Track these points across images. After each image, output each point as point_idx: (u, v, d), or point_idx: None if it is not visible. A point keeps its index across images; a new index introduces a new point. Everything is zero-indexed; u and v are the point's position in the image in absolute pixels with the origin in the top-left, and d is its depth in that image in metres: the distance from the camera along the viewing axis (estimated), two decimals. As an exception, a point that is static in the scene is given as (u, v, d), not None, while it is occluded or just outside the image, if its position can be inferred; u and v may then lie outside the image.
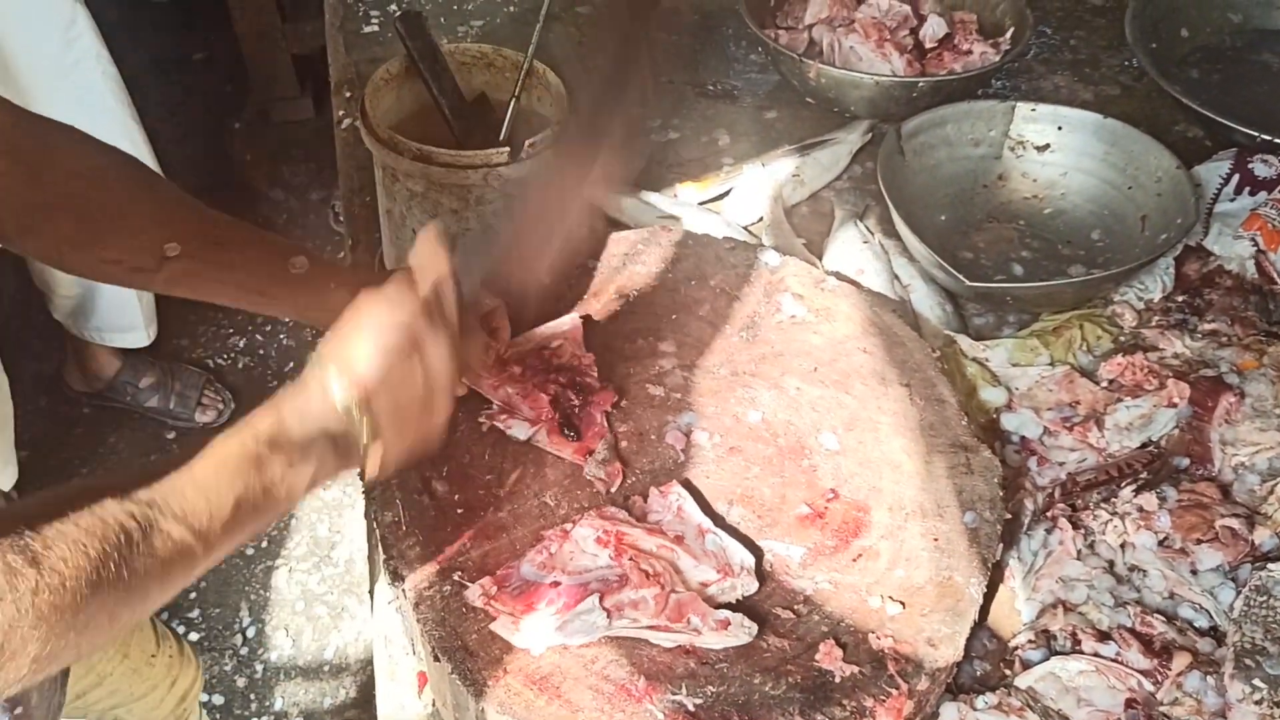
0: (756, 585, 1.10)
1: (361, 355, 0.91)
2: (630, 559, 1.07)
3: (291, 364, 3.06)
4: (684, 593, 1.06)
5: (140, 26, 2.28)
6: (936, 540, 1.14)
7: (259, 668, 2.47)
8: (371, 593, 1.31)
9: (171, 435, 2.86)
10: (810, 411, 1.26)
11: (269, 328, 3.14)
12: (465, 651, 1.05)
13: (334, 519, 2.75)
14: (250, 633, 2.52)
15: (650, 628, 1.04)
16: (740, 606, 1.09)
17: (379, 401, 0.91)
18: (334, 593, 2.60)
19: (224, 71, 3.58)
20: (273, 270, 1.09)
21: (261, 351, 3.09)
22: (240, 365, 3.05)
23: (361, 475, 0.98)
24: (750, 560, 1.11)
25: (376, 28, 2.03)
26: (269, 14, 3.41)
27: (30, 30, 2.07)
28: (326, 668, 2.47)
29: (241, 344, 3.09)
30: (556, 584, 1.07)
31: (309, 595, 2.60)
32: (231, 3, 3.37)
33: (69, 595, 0.69)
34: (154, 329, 2.74)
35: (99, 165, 1.06)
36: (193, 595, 2.56)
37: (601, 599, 1.05)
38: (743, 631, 1.05)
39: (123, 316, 2.67)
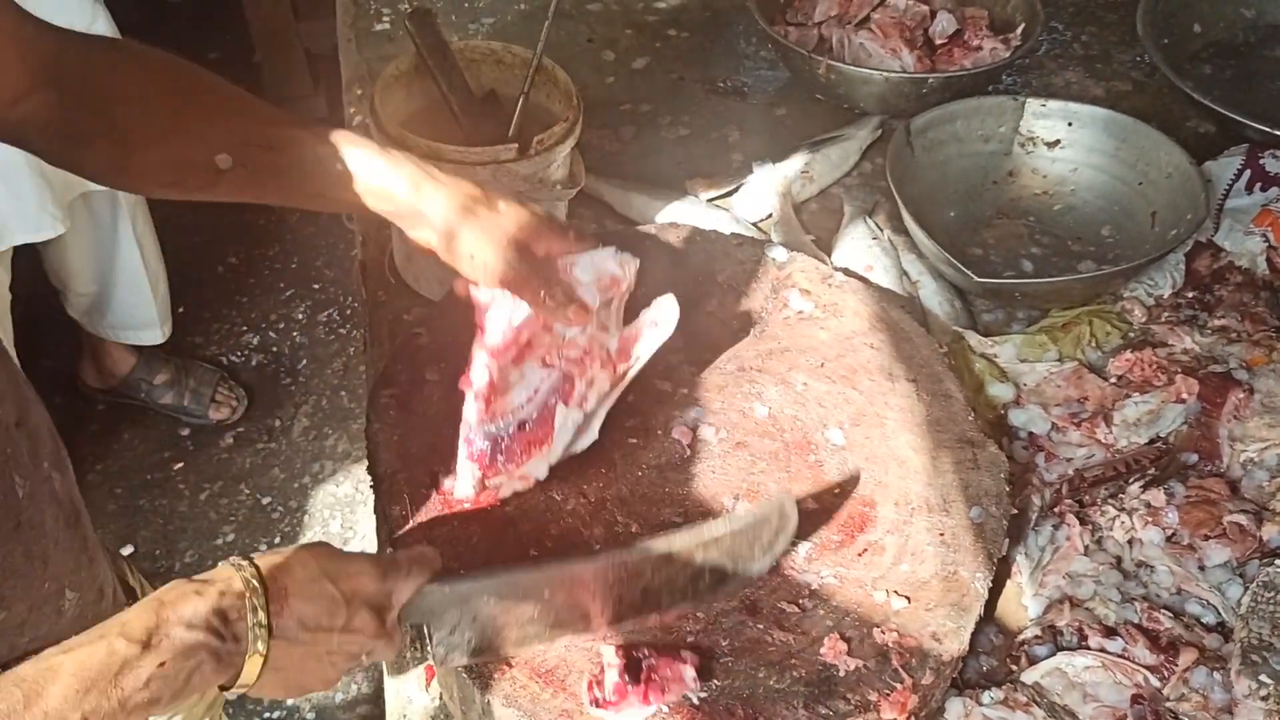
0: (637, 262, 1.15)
1: (297, 580, 0.87)
2: (559, 358, 1.14)
3: (305, 361, 3.07)
4: (614, 333, 1.15)
5: (156, 26, 2.30)
6: (942, 535, 1.14)
7: (272, 663, 2.48)
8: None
9: (186, 432, 2.88)
10: (817, 407, 1.27)
11: (282, 325, 3.15)
12: (472, 645, 1.06)
13: (347, 515, 2.76)
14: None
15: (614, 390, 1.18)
16: (744, 603, 1.09)
17: (282, 628, 0.85)
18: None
19: (238, 70, 3.60)
20: (325, 169, 1.04)
21: (275, 349, 3.10)
22: (254, 363, 3.07)
23: (224, 689, 0.88)
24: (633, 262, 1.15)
25: (388, 26, 2.04)
26: (283, 13, 3.42)
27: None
28: (339, 663, 2.48)
29: (255, 341, 3.11)
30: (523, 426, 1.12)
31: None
32: (246, 2, 3.38)
33: None
34: (168, 326, 2.75)
35: (143, 85, 1.02)
36: (206, 590, 2.58)
37: (566, 403, 1.13)
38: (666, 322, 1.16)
39: (137, 314, 2.69)
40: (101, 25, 2.21)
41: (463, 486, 1.16)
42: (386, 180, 1.04)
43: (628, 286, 1.15)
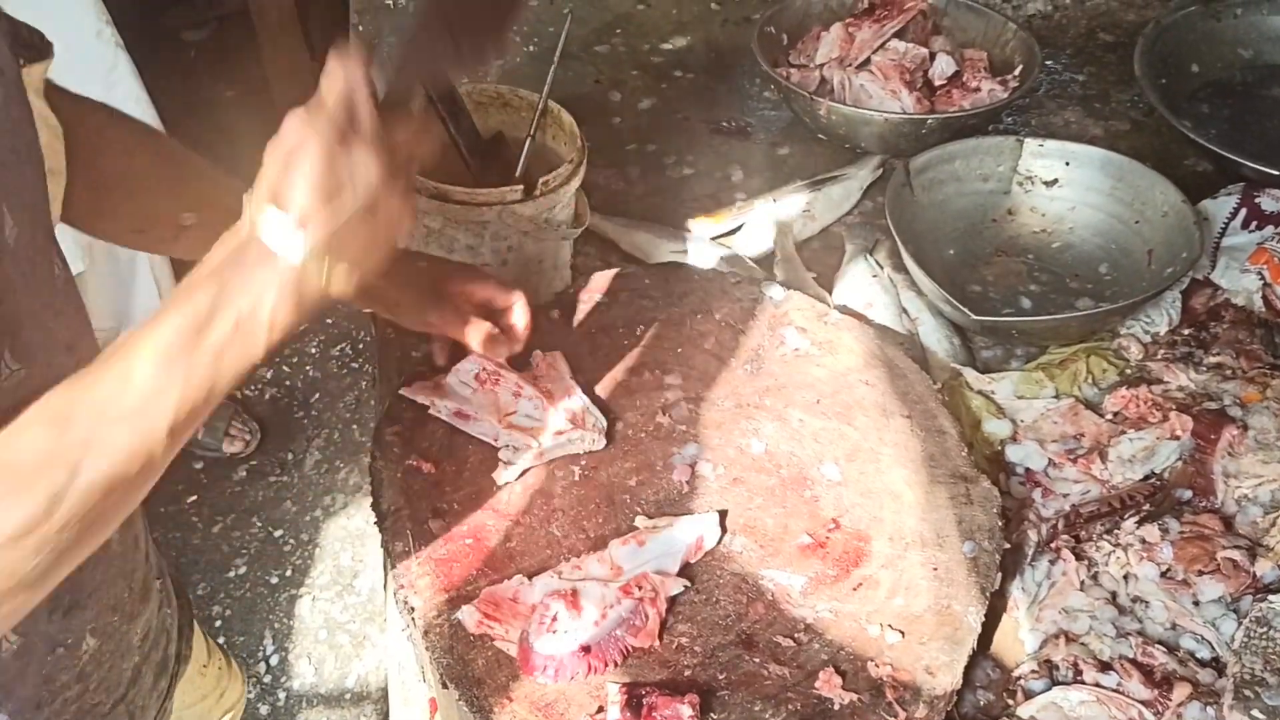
0: (604, 444, 1.27)
1: (290, 190, 0.82)
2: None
3: (317, 395, 3.11)
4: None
5: (174, 65, 2.35)
6: (936, 569, 1.16)
7: (282, 695, 2.50)
8: (389, 617, 1.34)
9: (199, 465, 2.91)
10: (813, 443, 1.29)
11: (295, 359, 3.19)
12: (472, 679, 1.08)
13: (357, 548, 2.78)
14: (274, 660, 2.55)
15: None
16: (740, 637, 1.11)
17: (324, 227, 0.82)
18: (356, 621, 2.63)
19: (252, 108, 3.66)
20: None
21: (288, 382, 3.14)
22: (267, 396, 3.11)
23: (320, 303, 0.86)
24: (603, 423, 1.28)
25: (399, 68, 2.08)
26: (298, 52, 3.49)
27: (72, 75, 2.13)
28: (348, 696, 2.50)
29: (268, 375, 3.15)
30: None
31: (331, 624, 2.63)
32: (261, 41, 3.45)
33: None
34: (183, 361, 2.79)
35: (123, 142, 1.11)
36: (218, 623, 2.60)
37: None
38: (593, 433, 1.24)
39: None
40: (123, 66, 2.26)
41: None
42: None
43: None
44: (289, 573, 2.73)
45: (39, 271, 0.88)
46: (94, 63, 2.20)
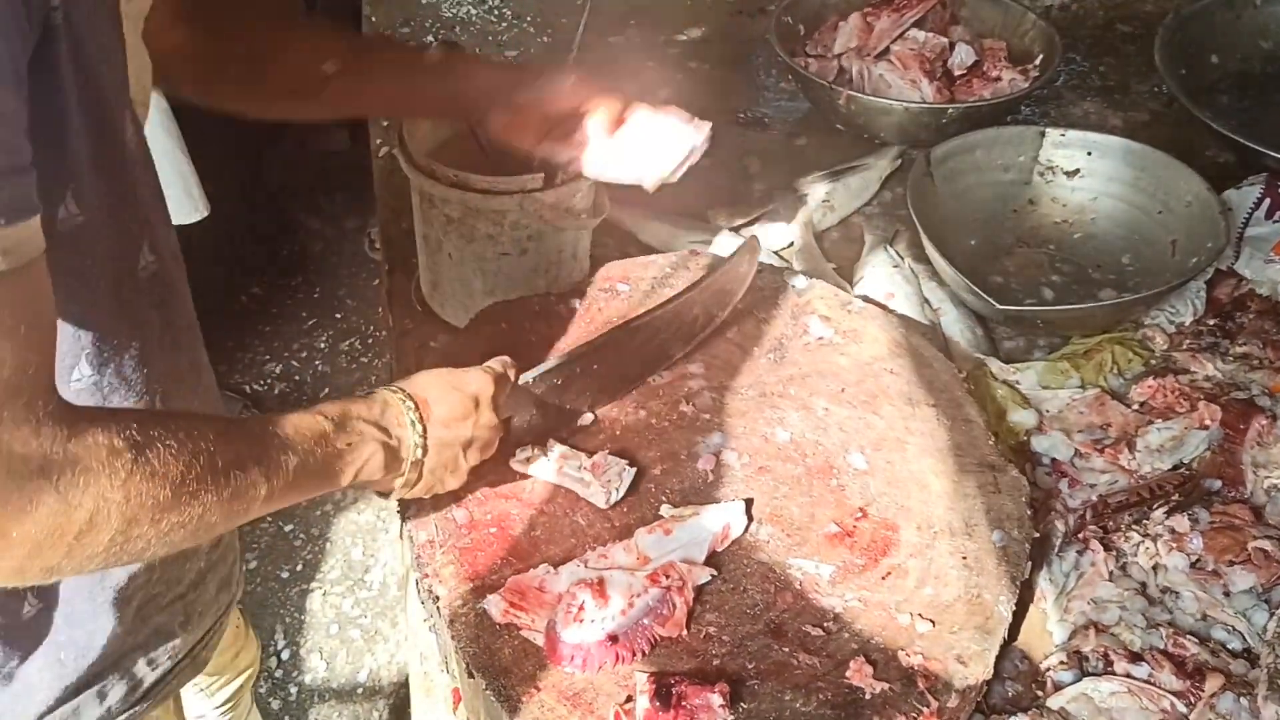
0: (605, 503, 1.21)
1: (434, 393, 1.07)
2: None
3: (327, 390, 3.10)
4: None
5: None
6: (965, 558, 1.15)
7: (293, 690, 2.49)
8: (407, 611, 1.33)
9: (209, 460, 2.91)
10: (838, 431, 1.28)
11: (304, 354, 3.18)
12: (499, 668, 1.07)
13: (368, 543, 2.77)
14: (285, 655, 2.54)
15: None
16: (769, 626, 1.10)
17: (433, 431, 1.06)
18: (367, 616, 2.62)
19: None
20: (412, 64, 1.28)
21: (298, 377, 3.13)
22: (276, 391, 3.10)
23: (386, 494, 1.10)
24: (619, 489, 1.21)
25: (413, 59, 2.07)
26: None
27: None
28: (360, 690, 2.49)
29: (278, 370, 3.14)
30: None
31: (343, 618, 2.62)
32: (271, 35, 3.44)
33: (161, 486, 0.78)
34: (193, 355, 2.78)
35: (260, 12, 1.21)
36: (228, 618, 2.59)
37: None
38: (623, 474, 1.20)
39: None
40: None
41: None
42: (459, 76, 1.29)
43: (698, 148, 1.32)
44: (299, 567, 2.72)
45: (151, 173, 0.99)
46: None
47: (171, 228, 1.05)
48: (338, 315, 3.29)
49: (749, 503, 1.20)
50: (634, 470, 1.21)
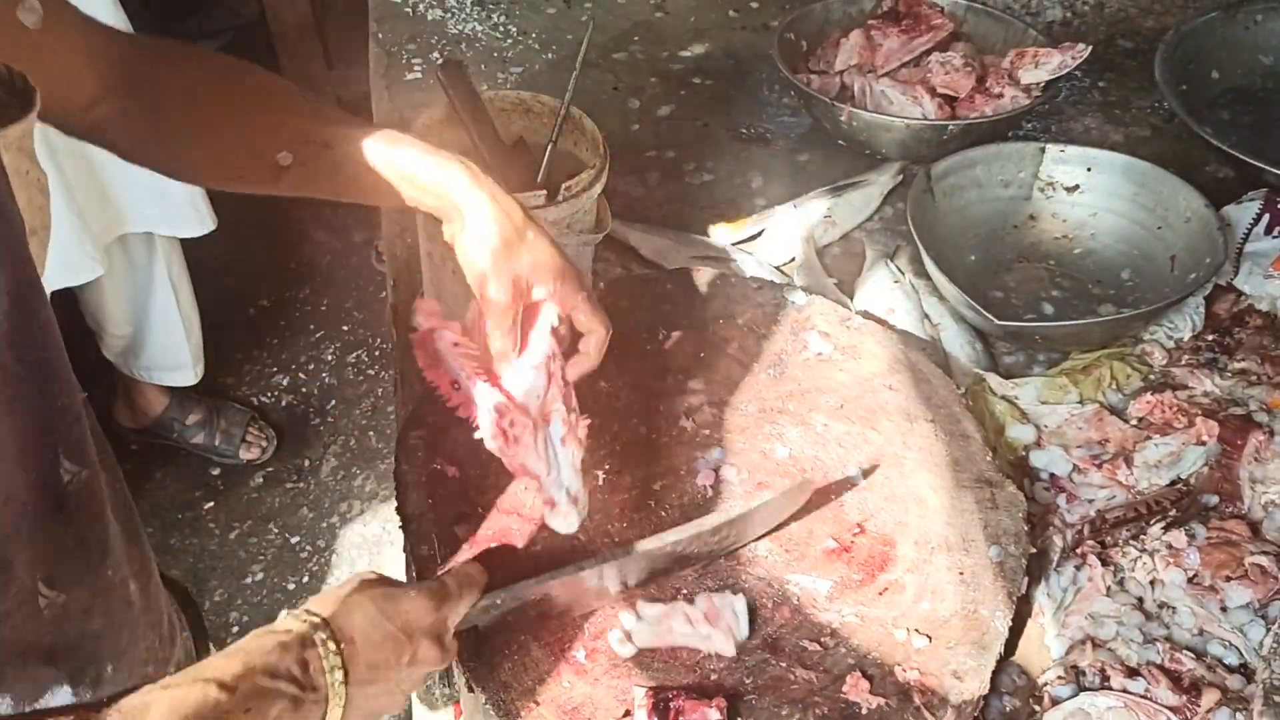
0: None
1: (361, 628, 0.92)
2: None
3: (334, 401, 3.11)
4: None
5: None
6: (962, 574, 1.16)
7: (299, 702, 2.50)
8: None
9: (216, 471, 2.92)
10: (837, 447, 1.29)
11: (312, 366, 3.20)
12: (499, 683, 1.08)
13: (374, 555, 2.79)
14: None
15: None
16: (766, 641, 1.10)
17: (356, 676, 0.90)
18: (373, 628, 2.63)
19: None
20: (376, 177, 1.08)
21: (305, 389, 3.15)
22: (284, 403, 3.11)
23: None
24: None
25: (419, 75, 2.09)
26: (315, 62, 3.51)
27: None
28: (366, 703, 2.50)
29: (285, 382, 3.16)
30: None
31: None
32: (279, 51, 3.47)
33: None
34: (201, 368, 2.80)
35: (207, 86, 1.08)
36: (235, 629, 2.61)
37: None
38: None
39: (171, 355, 2.74)
40: None
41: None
42: (437, 179, 1.08)
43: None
44: (306, 579, 2.73)
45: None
46: None
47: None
48: (345, 328, 3.31)
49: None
50: (742, 598, 1.11)
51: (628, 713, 1.05)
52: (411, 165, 1.07)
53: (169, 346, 2.71)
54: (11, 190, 0.78)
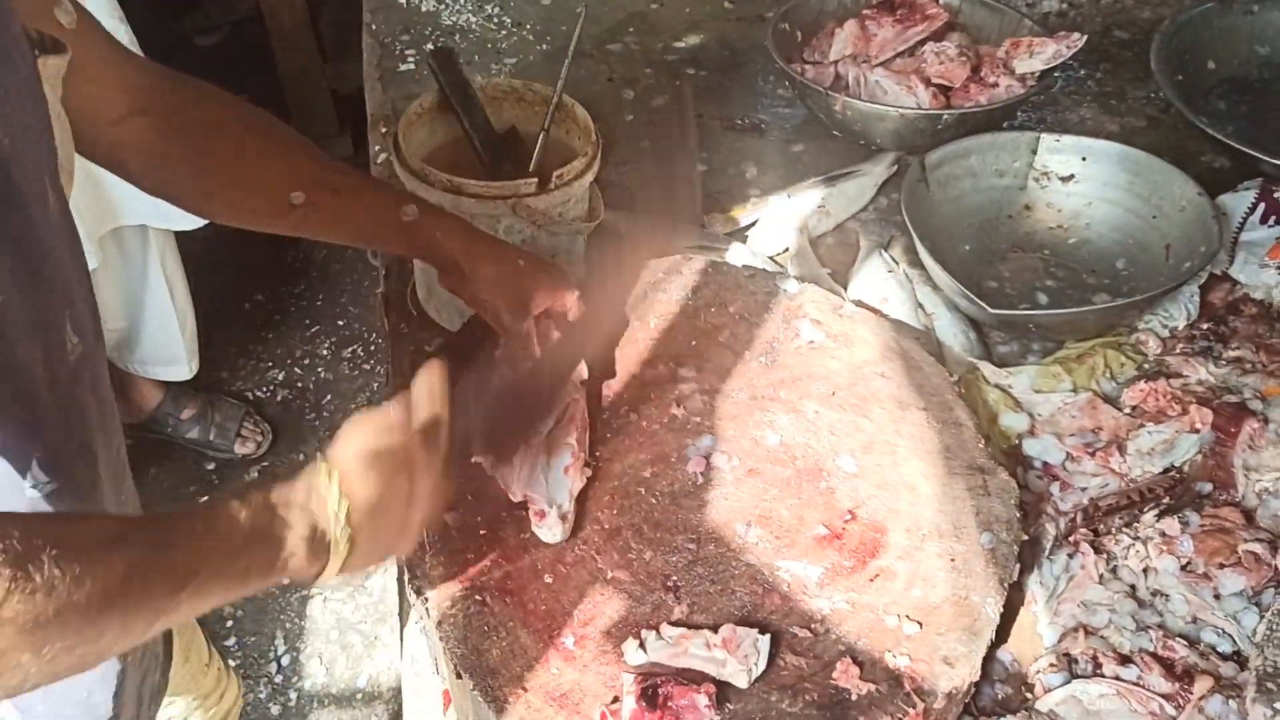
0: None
1: (356, 471, 0.92)
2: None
3: (329, 396, 3.10)
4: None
5: (185, 68, 2.35)
6: (953, 560, 1.15)
7: (293, 695, 2.49)
8: (401, 615, 1.33)
9: (211, 466, 2.91)
10: (828, 435, 1.28)
11: (307, 361, 3.19)
12: (486, 669, 1.07)
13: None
14: (285, 661, 2.54)
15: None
16: (756, 627, 1.10)
17: (362, 516, 0.92)
18: (367, 621, 2.62)
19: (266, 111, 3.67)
20: (385, 217, 1.19)
21: (300, 384, 3.14)
22: (279, 398, 3.10)
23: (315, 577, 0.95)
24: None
25: (412, 66, 2.08)
26: (310, 55, 3.49)
27: None
28: (359, 696, 2.49)
29: (280, 377, 3.15)
30: None
31: (343, 624, 2.62)
32: (274, 44, 3.46)
33: (44, 606, 0.67)
34: (196, 363, 2.79)
35: (231, 122, 1.15)
36: (229, 624, 2.60)
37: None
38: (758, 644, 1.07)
39: (166, 350, 2.72)
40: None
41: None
42: (433, 241, 1.21)
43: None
44: (300, 573, 2.72)
45: (75, 247, 0.94)
46: None
47: (94, 306, 0.98)
48: (340, 322, 3.30)
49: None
50: (768, 637, 1.08)
51: (616, 699, 1.04)
52: (412, 218, 1.19)
53: (163, 341, 2.70)
54: (50, 118, 0.84)
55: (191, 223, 2.47)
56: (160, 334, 2.68)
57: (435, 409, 1.00)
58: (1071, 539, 1.26)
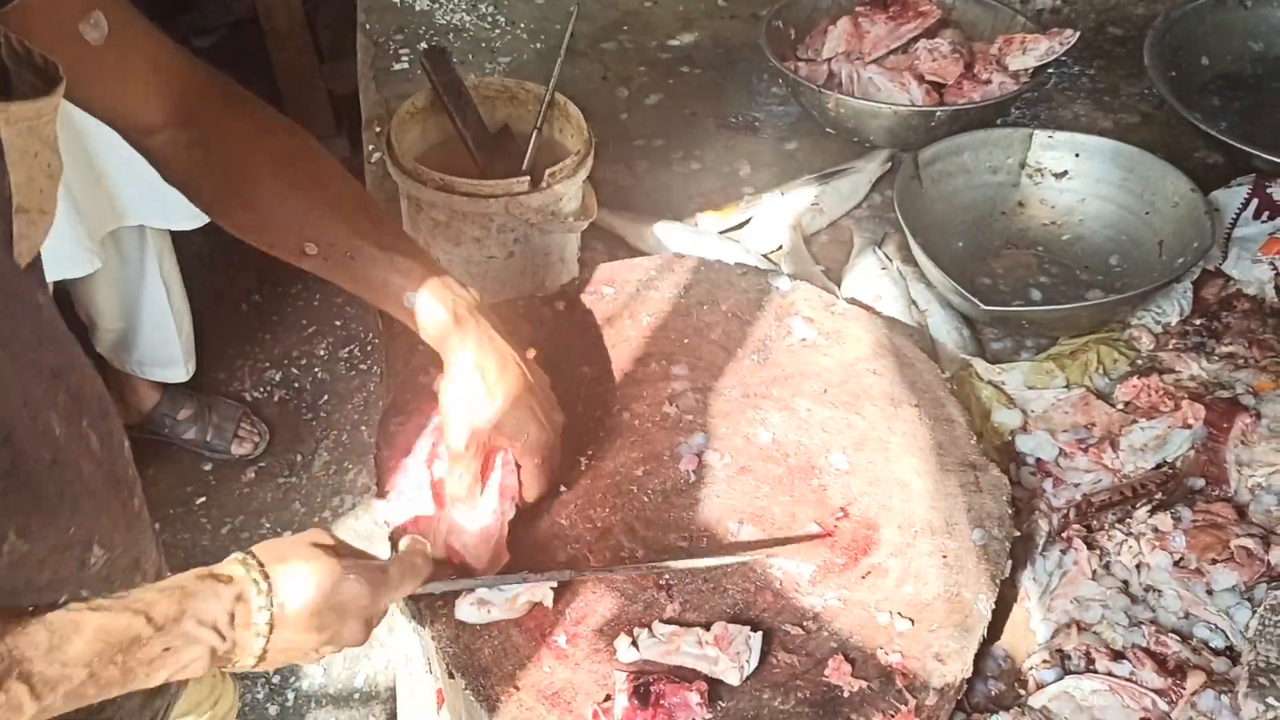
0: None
1: (298, 594, 0.92)
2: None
3: (326, 397, 3.11)
4: None
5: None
6: (945, 557, 1.15)
7: (290, 695, 2.49)
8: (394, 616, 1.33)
9: (209, 466, 2.91)
10: (820, 432, 1.28)
11: (304, 362, 3.19)
12: (479, 668, 1.07)
13: (366, 549, 2.78)
14: (282, 661, 2.55)
15: None
16: (752, 624, 1.10)
17: (279, 637, 0.92)
18: (365, 622, 2.63)
19: (264, 113, 3.67)
20: (388, 296, 1.14)
21: (297, 384, 3.14)
22: (276, 398, 3.11)
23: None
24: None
25: (406, 65, 2.08)
26: (307, 56, 3.50)
27: None
28: (356, 695, 2.49)
29: (277, 378, 3.15)
30: None
31: (341, 624, 2.62)
32: (271, 45, 3.46)
33: None
34: (193, 364, 2.80)
35: (265, 159, 1.13)
36: (227, 624, 2.60)
37: None
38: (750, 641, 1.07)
39: (163, 351, 2.73)
40: None
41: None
42: (434, 322, 1.14)
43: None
44: (298, 574, 2.72)
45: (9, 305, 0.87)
46: None
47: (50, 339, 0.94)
48: (337, 322, 3.30)
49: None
50: (760, 634, 1.08)
51: (608, 697, 1.04)
52: (414, 303, 1.13)
53: (160, 342, 2.70)
54: (5, 164, 0.79)
55: (191, 222, 2.47)
56: (157, 335, 2.69)
57: (407, 585, 1.04)
58: (1064, 535, 1.26)
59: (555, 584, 1.12)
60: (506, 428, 1.13)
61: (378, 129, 1.93)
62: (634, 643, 1.07)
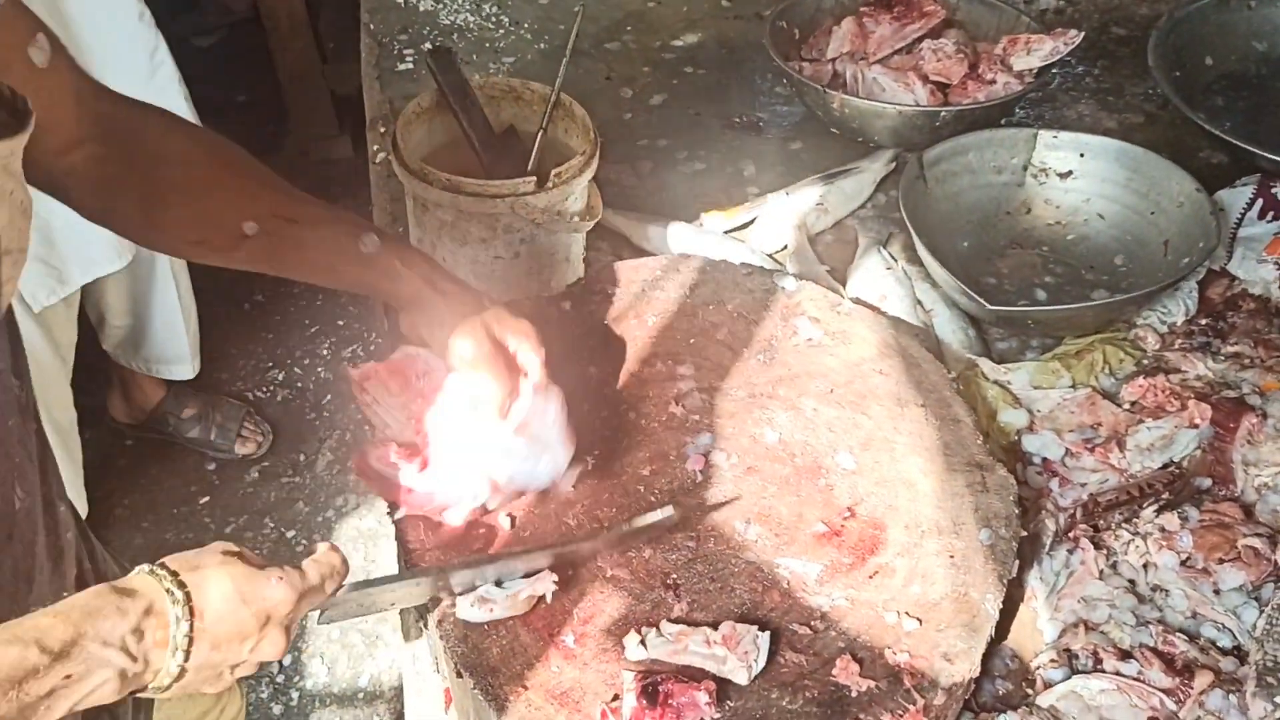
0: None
1: (216, 603, 0.85)
2: None
3: (329, 396, 3.11)
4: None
5: (185, 70, 2.35)
6: (953, 557, 1.15)
7: (295, 695, 2.49)
8: (402, 614, 1.33)
9: (212, 466, 2.91)
10: (827, 432, 1.28)
11: (307, 361, 3.19)
12: (487, 667, 1.07)
13: (369, 548, 2.78)
14: (286, 660, 2.54)
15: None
16: (760, 624, 1.10)
17: (199, 653, 0.84)
18: (368, 621, 2.62)
19: (265, 112, 3.67)
20: (343, 247, 1.12)
21: (300, 384, 3.14)
22: (279, 398, 3.11)
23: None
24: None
25: (410, 66, 2.08)
26: (310, 56, 3.50)
27: (120, 56, 2.17)
28: (361, 695, 2.49)
29: (280, 377, 3.15)
30: None
31: (344, 624, 2.62)
32: (273, 45, 3.46)
33: None
34: (199, 361, 2.79)
35: (184, 149, 1.10)
36: (231, 624, 2.60)
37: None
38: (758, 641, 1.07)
39: (171, 348, 2.73)
40: (163, 50, 2.27)
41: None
42: (394, 274, 1.13)
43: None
44: (302, 573, 2.72)
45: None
46: (139, 46, 2.23)
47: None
48: (340, 322, 3.30)
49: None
50: (768, 634, 1.08)
51: (617, 696, 1.04)
52: (372, 250, 1.11)
53: (169, 339, 2.70)
54: None
55: None
56: (166, 332, 2.69)
57: (321, 590, 0.95)
58: (1071, 535, 1.26)
59: (525, 574, 1.12)
60: (523, 332, 1.14)
61: (382, 129, 1.93)
62: (642, 642, 1.07)
